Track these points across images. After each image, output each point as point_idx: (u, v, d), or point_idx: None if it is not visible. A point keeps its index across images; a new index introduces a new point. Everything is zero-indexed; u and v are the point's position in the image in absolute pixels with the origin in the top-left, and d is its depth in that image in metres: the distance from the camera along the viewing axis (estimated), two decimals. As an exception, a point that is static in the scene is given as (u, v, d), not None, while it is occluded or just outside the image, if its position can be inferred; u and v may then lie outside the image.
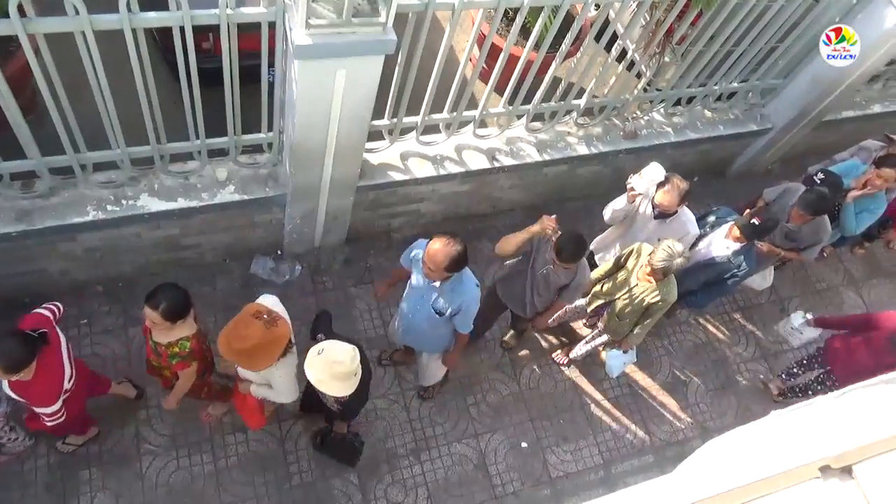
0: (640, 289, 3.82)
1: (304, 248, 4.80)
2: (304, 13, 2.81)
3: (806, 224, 4.25)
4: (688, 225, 4.01)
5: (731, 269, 4.12)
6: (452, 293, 3.38)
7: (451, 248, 3.13)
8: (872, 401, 1.92)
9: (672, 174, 3.85)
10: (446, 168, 4.49)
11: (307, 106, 3.32)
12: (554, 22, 3.87)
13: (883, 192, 4.59)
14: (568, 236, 3.47)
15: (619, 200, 4.00)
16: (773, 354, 5.42)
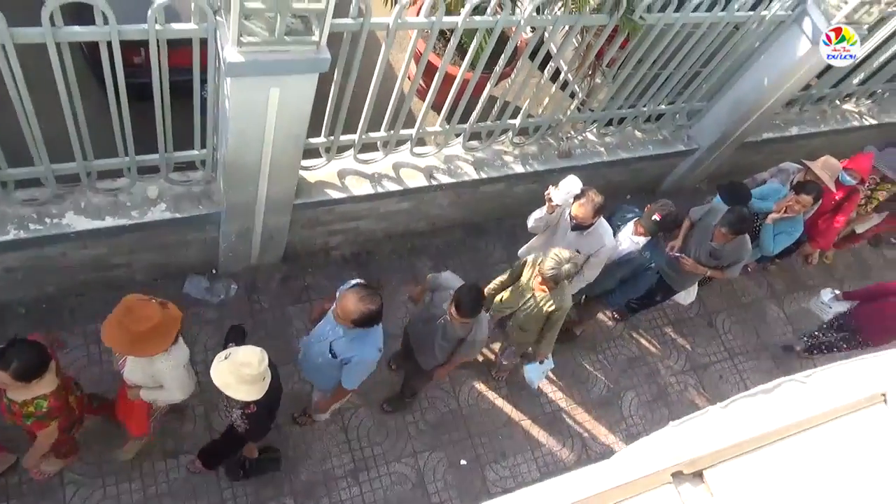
0: (536, 298, 3.89)
1: (240, 266, 4.71)
2: (235, 31, 2.79)
3: (728, 243, 4.42)
4: (604, 237, 4.13)
5: (642, 262, 4.30)
6: (351, 343, 3.31)
7: (364, 305, 3.09)
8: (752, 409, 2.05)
9: (588, 188, 3.96)
10: (384, 186, 4.50)
11: (240, 123, 3.29)
12: (488, 42, 3.96)
13: (801, 215, 4.83)
14: (467, 289, 3.43)
15: (540, 211, 4.11)
16: (702, 366, 5.62)
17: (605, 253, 4.19)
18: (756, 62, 5.01)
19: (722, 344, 5.83)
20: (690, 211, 4.82)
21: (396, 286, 5.03)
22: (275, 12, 2.78)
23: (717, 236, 4.43)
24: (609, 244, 4.16)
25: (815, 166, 4.89)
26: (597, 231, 4.09)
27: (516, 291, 4.05)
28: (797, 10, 4.57)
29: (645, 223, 4.24)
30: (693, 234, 4.66)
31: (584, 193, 3.93)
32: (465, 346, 3.74)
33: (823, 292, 5.45)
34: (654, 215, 4.15)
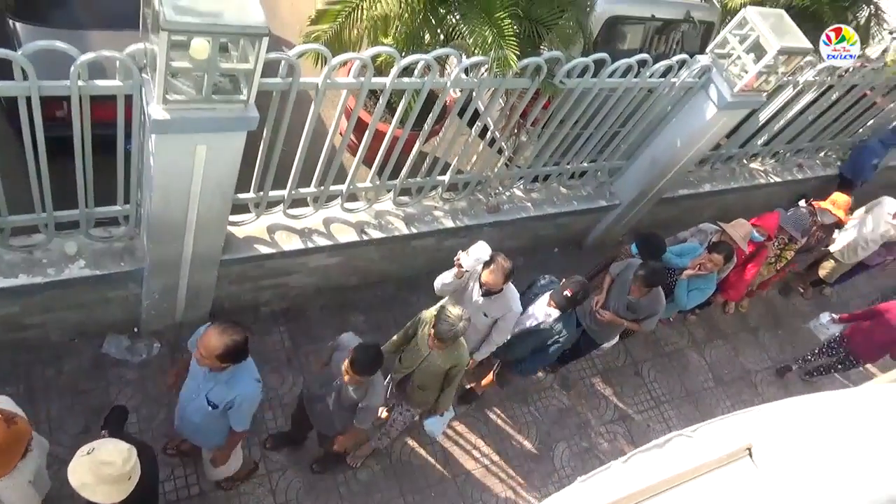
0: (433, 357, 3.82)
1: (164, 324, 4.57)
2: (161, 89, 2.79)
3: (644, 297, 4.60)
4: (511, 302, 4.16)
5: (553, 335, 4.35)
6: (228, 385, 3.14)
7: (226, 338, 2.91)
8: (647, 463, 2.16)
9: (497, 253, 3.99)
10: (315, 241, 4.50)
11: (165, 179, 3.25)
12: (417, 102, 4.08)
13: (714, 273, 5.06)
14: (364, 346, 3.35)
15: (448, 275, 4.11)
16: (631, 416, 5.74)
17: (513, 318, 4.22)
18: (669, 124, 5.34)
19: (648, 392, 5.98)
20: (611, 267, 5.00)
21: (326, 342, 4.96)
22: (202, 72, 2.81)
23: (633, 290, 4.59)
24: (516, 309, 4.19)
25: (728, 228, 5.18)
26: (505, 296, 4.12)
27: (413, 351, 3.98)
28: (703, 78, 4.92)
29: (557, 298, 4.28)
30: (613, 289, 4.83)
31: (493, 260, 3.95)
32: (359, 413, 3.60)
33: (822, 315, 6.24)
34: (566, 291, 4.21)
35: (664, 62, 4.63)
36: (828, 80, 5.80)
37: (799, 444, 2.19)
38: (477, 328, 4.22)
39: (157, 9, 2.54)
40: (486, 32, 3.92)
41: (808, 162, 7.40)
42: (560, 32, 4.60)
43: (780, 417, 2.34)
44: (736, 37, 4.77)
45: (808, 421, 2.29)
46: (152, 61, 2.83)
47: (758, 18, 4.61)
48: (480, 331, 4.28)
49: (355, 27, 4.08)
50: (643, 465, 2.17)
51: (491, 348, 4.40)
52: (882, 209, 6.35)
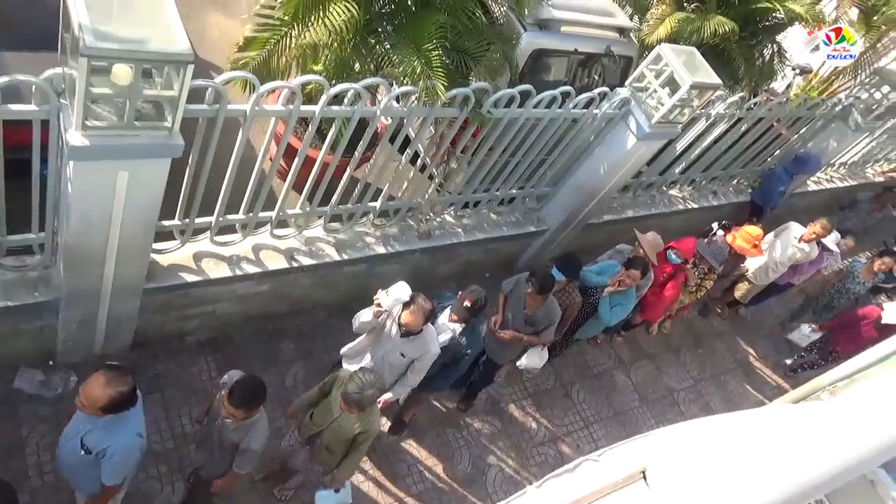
0: (343, 419, 3.66)
1: (82, 356, 4.37)
2: (80, 115, 2.72)
3: (540, 308, 4.66)
4: (430, 343, 4.06)
5: (460, 349, 4.33)
6: (105, 432, 2.95)
7: (111, 390, 2.76)
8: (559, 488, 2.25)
9: (417, 294, 3.87)
10: (243, 268, 4.42)
11: (84, 206, 3.15)
12: (347, 129, 4.10)
13: (633, 288, 5.27)
14: (244, 378, 3.21)
15: (366, 313, 4.03)
16: (561, 437, 5.85)
17: (430, 359, 4.13)
18: (593, 153, 5.55)
19: (578, 414, 6.12)
20: (502, 284, 5.01)
21: (258, 371, 4.86)
22: (125, 98, 2.76)
23: (528, 303, 4.65)
24: (434, 351, 4.10)
25: (641, 238, 5.44)
26: (423, 337, 4.03)
27: (325, 409, 3.80)
28: (623, 110, 5.16)
29: (457, 311, 4.23)
30: (508, 306, 4.87)
31: (413, 301, 3.86)
32: (239, 456, 3.40)
33: (803, 327, 7.14)
34: (465, 301, 4.16)
35: (586, 94, 4.83)
36: (737, 112, 6.18)
37: (689, 466, 2.32)
38: (393, 367, 4.15)
39: (77, 34, 2.48)
40: (415, 62, 3.99)
41: (723, 189, 7.82)
42: (487, 64, 4.73)
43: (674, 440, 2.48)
44: (652, 71, 5.04)
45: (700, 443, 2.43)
46: (71, 86, 2.76)
47: (671, 55, 4.89)
48: (396, 370, 4.19)
49: (284, 54, 4.08)
50: (555, 489, 2.26)
51: (405, 389, 4.32)
52: (789, 234, 6.77)
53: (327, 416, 3.77)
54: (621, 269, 5.29)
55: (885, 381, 2.48)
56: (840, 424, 2.30)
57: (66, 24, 2.67)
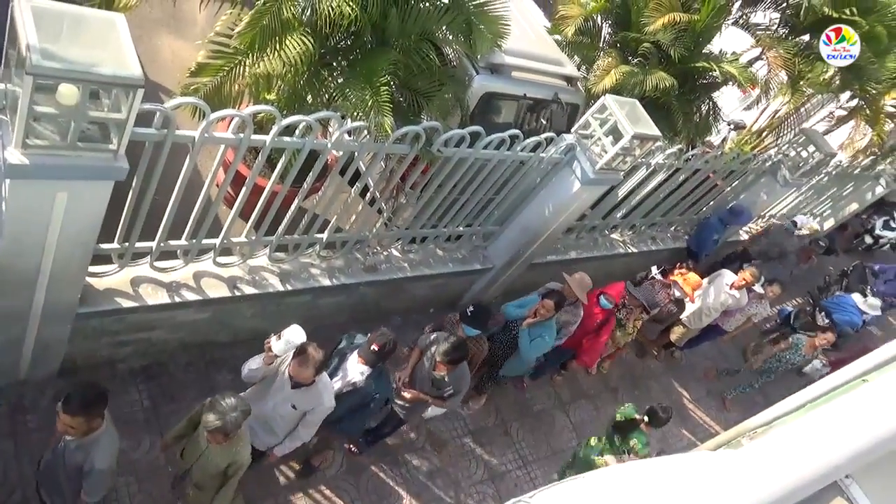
0: (210, 452, 3.45)
1: (5, 381, 4.17)
2: (21, 133, 2.66)
3: (450, 373, 4.49)
4: (323, 395, 3.82)
5: (369, 392, 4.14)
6: None
7: None
8: None
9: (309, 343, 3.61)
10: (183, 295, 4.33)
11: (18, 226, 3.05)
12: (297, 159, 4.11)
13: (553, 321, 5.25)
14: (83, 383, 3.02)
15: (256, 360, 3.75)
16: (500, 475, 5.85)
17: (323, 412, 3.90)
18: (539, 194, 5.70)
19: (517, 452, 6.14)
20: (419, 339, 4.86)
21: (191, 403, 4.72)
22: (69, 118, 2.71)
23: (438, 366, 4.48)
24: (328, 405, 3.86)
25: (570, 280, 5.47)
26: (316, 388, 3.77)
27: (194, 443, 3.53)
28: (569, 155, 5.34)
29: (365, 354, 4.09)
30: (420, 364, 4.73)
31: (304, 351, 3.57)
32: (86, 480, 3.12)
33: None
34: (373, 345, 4.01)
35: (534, 138, 4.98)
36: (675, 163, 6.47)
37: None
38: (285, 419, 3.92)
39: (25, 53, 2.44)
40: (367, 97, 4.06)
41: (661, 235, 8.12)
42: (439, 104, 4.83)
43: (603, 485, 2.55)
44: (597, 120, 5.25)
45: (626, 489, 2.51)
46: (13, 103, 2.70)
47: (615, 106, 5.11)
48: (288, 422, 3.96)
49: (237, 82, 4.09)
50: None
51: (296, 443, 4.07)
52: (721, 280, 7.07)
53: (195, 451, 3.54)
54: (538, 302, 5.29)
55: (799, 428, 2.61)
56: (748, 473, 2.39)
57: (11, 40, 2.62)
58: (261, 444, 4.02)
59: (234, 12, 4.28)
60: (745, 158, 7.37)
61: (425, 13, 4.45)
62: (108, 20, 2.78)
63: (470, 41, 4.76)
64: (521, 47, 6.13)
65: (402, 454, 5.46)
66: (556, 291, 5.32)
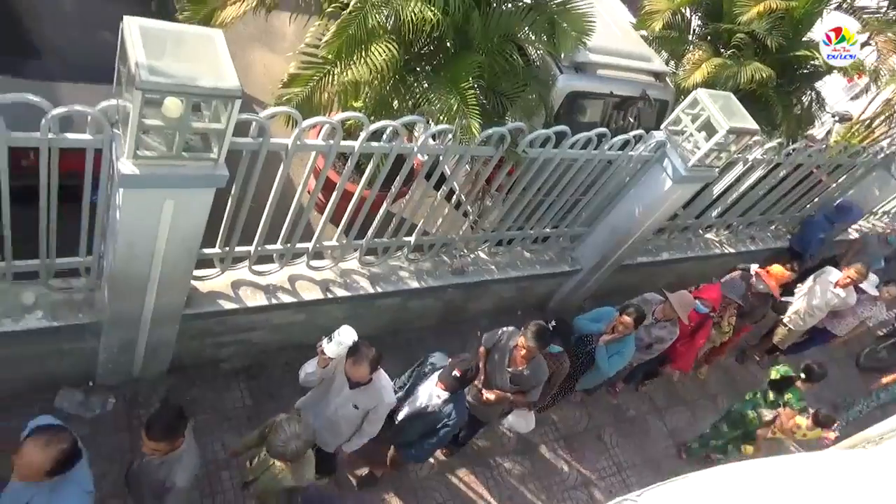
0: (275, 468, 3.44)
1: (120, 379, 4.48)
2: (132, 145, 2.86)
3: (526, 366, 4.39)
4: (382, 393, 3.77)
5: (442, 418, 4.02)
6: (52, 496, 2.75)
7: (52, 450, 2.58)
8: None
9: (362, 342, 3.60)
10: (279, 298, 4.51)
11: (131, 233, 3.28)
12: (385, 164, 4.20)
13: (632, 336, 4.99)
14: (162, 408, 3.01)
15: (312, 363, 3.74)
16: (593, 482, 5.72)
17: (385, 409, 3.88)
18: (628, 194, 5.56)
19: (611, 458, 5.99)
20: (483, 338, 4.70)
21: (287, 402, 4.91)
22: (174, 130, 2.89)
23: (514, 360, 4.37)
24: (388, 401, 3.84)
25: (672, 297, 5.19)
26: (374, 387, 3.74)
27: (263, 455, 3.56)
28: (659, 152, 5.18)
29: (445, 378, 3.94)
30: (490, 362, 4.58)
31: (357, 350, 3.55)
32: (167, 499, 3.14)
33: None
34: (455, 371, 3.89)
35: (622, 136, 4.87)
36: (775, 158, 6.14)
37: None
38: (348, 420, 3.92)
39: (134, 70, 2.63)
40: (452, 101, 4.10)
41: (760, 234, 7.72)
42: (523, 105, 4.82)
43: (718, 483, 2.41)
44: (688, 115, 5.07)
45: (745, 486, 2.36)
46: (124, 117, 2.90)
47: (708, 100, 4.91)
48: (352, 422, 3.95)
49: (326, 91, 4.23)
50: None
51: (363, 440, 4.06)
52: (826, 278, 6.63)
53: (263, 464, 3.56)
54: (616, 317, 5.03)
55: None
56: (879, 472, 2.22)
57: (122, 58, 2.83)
58: (328, 447, 4.06)
59: (321, 24, 4.43)
60: (853, 151, 6.89)
61: (507, 14, 4.46)
62: (208, 36, 2.96)
63: (553, 40, 4.73)
64: (606, 44, 6.01)
65: (493, 457, 5.45)
66: (633, 306, 5.01)
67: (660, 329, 5.33)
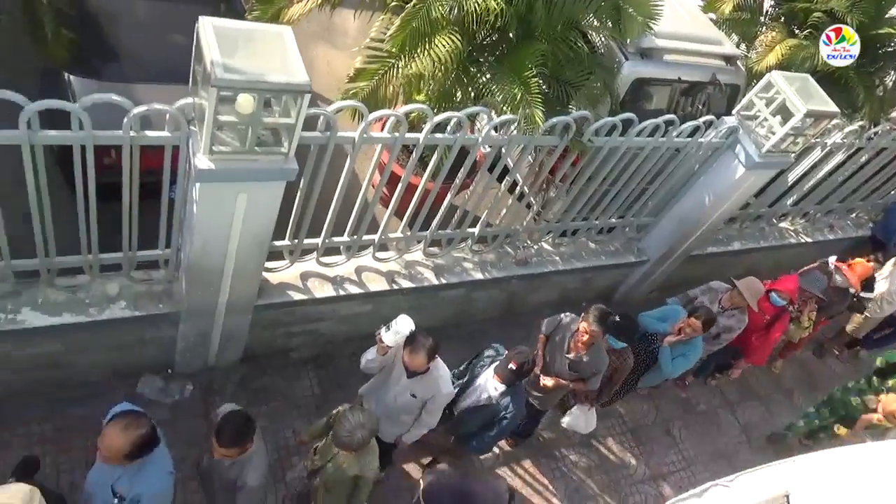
0: (339, 458, 3.46)
1: (197, 366, 4.67)
2: (208, 141, 2.97)
3: (587, 353, 4.30)
4: (439, 382, 3.76)
5: (500, 411, 3.99)
6: (134, 478, 2.89)
7: (132, 434, 2.73)
8: None
9: (419, 331, 3.59)
10: (346, 289, 4.60)
11: (207, 226, 3.41)
12: (449, 157, 4.22)
13: (699, 338, 4.82)
14: (230, 415, 3.08)
15: (372, 351, 3.78)
16: (662, 476, 5.61)
17: (443, 400, 3.87)
18: (697, 183, 5.40)
19: (680, 453, 5.85)
20: (543, 324, 4.63)
21: (354, 391, 5.01)
22: (247, 125, 2.98)
23: (573, 346, 4.31)
24: (445, 391, 3.82)
25: (740, 284, 5.02)
26: (432, 376, 3.74)
27: (328, 444, 3.58)
28: (730, 139, 5.01)
29: (501, 372, 3.93)
30: (549, 349, 4.52)
31: (414, 339, 3.56)
32: (239, 497, 3.23)
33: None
34: (511, 364, 3.85)
35: (691, 122, 4.73)
36: (856, 142, 5.83)
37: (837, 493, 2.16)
38: (408, 407, 3.92)
39: (209, 68, 2.73)
40: (515, 90, 4.07)
41: (840, 222, 7.36)
42: (587, 93, 4.74)
43: (817, 467, 2.32)
44: (762, 99, 4.87)
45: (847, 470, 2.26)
46: (200, 114, 3.01)
47: (783, 82, 4.71)
48: (411, 411, 3.96)
49: (391, 84, 4.27)
50: None
51: (422, 430, 4.05)
52: (907, 263, 6.27)
53: (327, 453, 3.60)
54: (683, 318, 4.87)
55: None
56: None
57: (198, 58, 2.94)
58: (388, 436, 4.06)
59: (385, 18, 4.48)
60: (942, 133, 6.48)
61: (572, 1, 4.39)
62: (277, 33, 3.04)
63: (619, 26, 4.64)
64: (673, 29, 5.83)
65: (558, 449, 5.41)
66: (703, 309, 4.84)
67: (728, 318, 5.15)
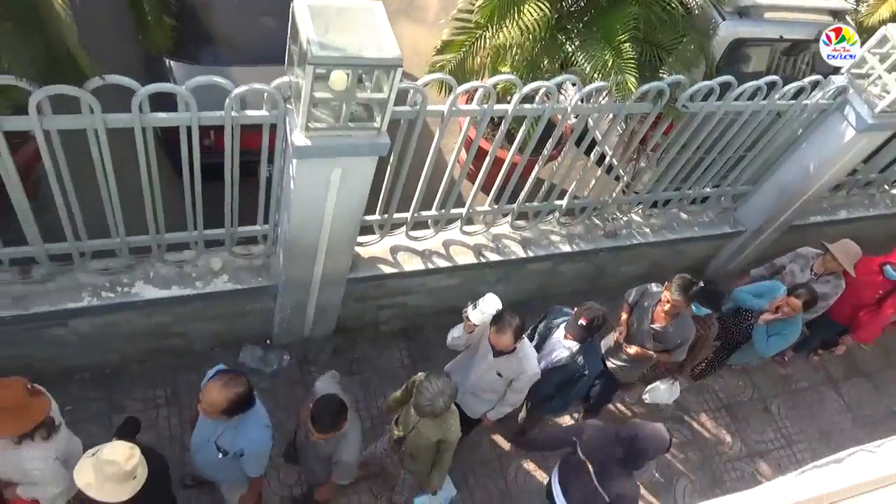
0: (421, 425, 3.52)
1: (293, 337, 4.86)
2: (304, 118, 3.04)
3: (671, 323, 4.21)
4: (524, 362, 3.73)
5: (577, 368, 3.99)
6: (235, 433, 3.12)
7: (229, 391, 2.90)
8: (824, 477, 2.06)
9: (506, 310, 3.56)
10: (434, 262, 4.65)
11: (303, 201, 3.51)
12: (536, 129, 4.16)
13: (799, 317, 4.63)
14: (323, 401, 3.15)
15: (458, 328, 3.81)
16: (759, 453, 5.42)
17: (528, 380, 3.82)
18: (800, 148, 5.09)
19: (779, 430, 5.64)
20: (626, 294, 4.58)
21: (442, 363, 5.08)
22: (341, 101, 3.03)
23: (657, 317, 4.22)
24: (531, 371, 3.77)
25: (833, 248, 4.76)
26: (517, 355, 3.72)
27: (408, 413, 3.64)
28: (839, 100, 4.68)
29: (572, 329, 3.92)
30: (634, 319, 4.43)
31: (501, 318, 3.53)
32: (335, 468, 3.43)
33: None
34: (580, 320, 3.84)
35: (796, 84, 4.46)
36: None
37: None
38: (493, 387, 3.92)
39: (305, 46, 2.78)
40: (606, 56, 3.95)
41: (961, 188, 6.77)
42: (681, 56, 4.52)
43: None
44: (875, 55, 4.52)
45: None
46: (296, 92, 3.09)
47: (901, 35, 4.35)
48: (496, 390, 3.94)
49: (479, 55, 4.24)
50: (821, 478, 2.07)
51: (506, 409, 4.04)
52: None
53: (409, 421, 3.65)
54: (782, 295, 4.61)
55: None
56: None
57: (293, 37, 3.00)
58: (472, 413, 4.09)
59: (471, -10, 4.43)
60: None
61: (666, -40, 4.19)
62: (368, 8, 3.05)
63: (716, -17, 4.39)
64: (774, -16, 5.48)
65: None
66: (805, 287, 4.58)
67: (822, 284, 4.87)
